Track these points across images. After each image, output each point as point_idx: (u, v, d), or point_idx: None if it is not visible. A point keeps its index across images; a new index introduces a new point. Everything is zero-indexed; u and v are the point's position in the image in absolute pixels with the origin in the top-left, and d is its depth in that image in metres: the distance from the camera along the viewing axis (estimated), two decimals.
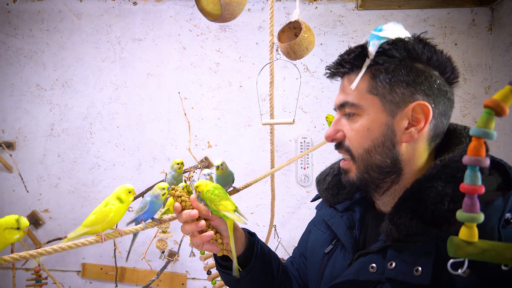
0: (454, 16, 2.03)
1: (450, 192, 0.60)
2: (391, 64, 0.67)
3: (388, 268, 0.64)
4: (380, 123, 0.68)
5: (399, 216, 0.64)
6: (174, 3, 2.16)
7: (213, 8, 0.99)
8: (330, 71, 0.75)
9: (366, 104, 0.69)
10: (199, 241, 0.81)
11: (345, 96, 0.71)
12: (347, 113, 0.72)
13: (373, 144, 0.69)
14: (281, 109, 2.15)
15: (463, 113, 2.05)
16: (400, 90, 0.67)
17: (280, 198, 2.11)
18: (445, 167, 0.64)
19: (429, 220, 0.60)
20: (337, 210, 0.83)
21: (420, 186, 0.64)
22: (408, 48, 0.67)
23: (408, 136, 0.67)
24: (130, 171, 2.21)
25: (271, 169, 1.42)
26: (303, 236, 1.01)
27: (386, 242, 0.66)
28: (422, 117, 0.66)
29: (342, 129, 0.73)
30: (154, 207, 0.88)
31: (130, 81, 2.19)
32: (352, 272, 0.69)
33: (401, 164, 0.69)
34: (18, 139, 2.23)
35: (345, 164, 0.75)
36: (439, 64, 0.69)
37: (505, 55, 1.90)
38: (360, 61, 0.69)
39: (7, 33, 2.20)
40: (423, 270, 0.60)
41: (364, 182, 0.72)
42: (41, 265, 1.81)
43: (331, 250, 0.81)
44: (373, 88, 0.68)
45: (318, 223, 0.91)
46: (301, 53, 1.19)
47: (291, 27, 1.25)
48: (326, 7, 2.11)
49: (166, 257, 2.04)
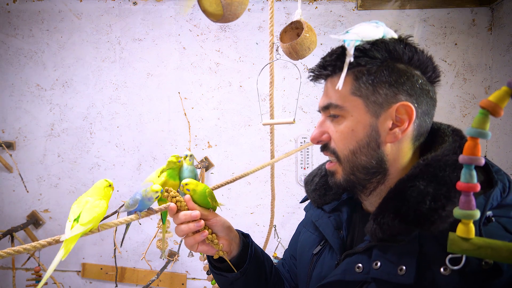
0: (454, 16, 2.03)
1: (431, 191, 0.61)
2: (373, 65, 0.67)
3: (373, 268, 0.64)
4: (364, 124, 0.68)
5: (382, 216, 0.64)
6: (174, 3, 2.16)
7: (215, 9, 0.99)
8: (313, 74, 0.75)
9: (350, 105, 0.69)
10: (193, 241, 0.81)
11: (328, 98, 0.72)
12: (332, 115, 0.72)
13: (358, 145, 0.69)
14: (281, 109, 2.15)
15: (463, 113, 2.05)
16: (383, 91, 0.67)
17: (280, 198, 2.11)
18: (427, 166, 0.64)
19: (411, 219, 0.60)
20: (324, 211, 0.83)
21: (403, 186, 0.65)
22: (389, 49, 0.68)
23: (392, 137, 0.68)
24: (130, 171, 2.21)
25: (271, 169, 1.42)
26: (293, 237, 1.01)
27: (371, 242, 0.67)
28: (405, 117, 0.67)
29: (327, 131, 0.73)
30: (144, 207, 0.86)
31: (130, 81, 2.19)
32: (339, 272, 0.69)
33: (386, 164, 0.69)
34: (18, 139, 2.23)
35: (331, 166, 0.75)
36: (420, 64, 0.69)
37: (505, 55, 1.90)
38: (342, 62, 0.69)
39: (7, 33, 2.20)
40: (407, 269, 0.60)
41: (351, 183, 0.72)
42: (41, 265, 1.81)
43: (320, 251, 0.81)
44: (356, 90, 0.68)
45: (307, 224, 0.91)
46: (303, 53, 1.19)
47: (293, 27, 1.25)
48: (326, 7, 2.11)
49: (166, 257, 2.05)
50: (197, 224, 0.80)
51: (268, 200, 2.00)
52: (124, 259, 2.21)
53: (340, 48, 0.71)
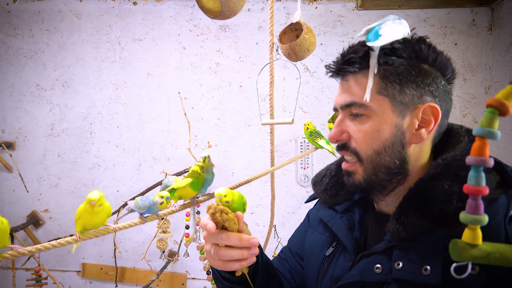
0: (454, 16, 2.03)
1: (457, 191, 0.60)
2: (401, 64, 0.67)
3: (395, 268, 0.63)
4: (390, 124, 0.67)
5: (406, 216, 0.63)
6: (174, 3, 2.16)
7: (213, 5, 0.98)
8: (335, 68, 0.72)
9: (376, 105, 0.67)
10: (239, 266, 0.69)
11: (351, 96, 0.69)
12: (354, 114, 0.70)
13: (383, 145, 0.68)
14: (281, 109, 2.15)
15: (463, 113, 2.05)
16: (409, 91, 0.67)
17: (280, 198, 2.11)
18: (448, 166, 0.64)
19: (438, 218, 0.60)
20: (336, 211, 0.82)
21: (425, 185, 0.64)
22: (415, 49, 0.67)
23: (418, 137, 0.68)
24: (130, 171, 2.21)
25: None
26: (297, 235, 0.98)
27: (391, 242, 0.66)
28: (431, 118, 0.67)
29: (347, 130, 0.71)
30: (151, 211, 0.88)
31: (130, 81, 2.19)
32: (356, 273, 0.68)
33: (408, 165, 0.69)
34: (18, 139, 2.23)
35: (349, 166, 0.73)
36: (442, 65, 0.69)
37: (505, 55, 1.90)
38: (366, 61, 0.67)
39: (7, 33, 2.20)
40: (432, 269, 0.59)
41: (371, 183, 0.71)
42: (41, 265, 1.81)
43: (332, 252, 0.79)
44: (383, 89, 0.67)
45: (314, 224, 0.89)
46: (302, 54, 1.18)
47: (293, 28, 1.24)
48: (326, 7, 2.11)
49: (166, 257, 2.05)
50: (253, 252, 0.68)
51: (268, 200, 1.99)
52: (124, 259, 2.21)
53: (365, 46, 0.68)
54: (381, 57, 0.66)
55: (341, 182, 0.83)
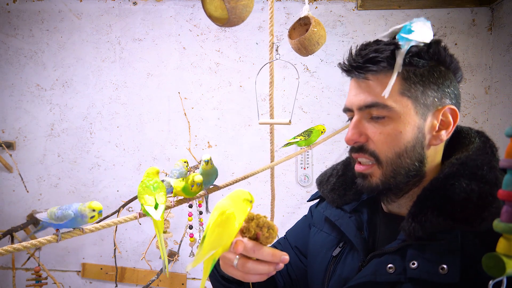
0: (454, 16, 2.03)
1: (476, 189, 0.61)
2: (424, 66, 0.67)
3: (410, 267, 0.63)
4: (413, 126, 0.67)
5: (424, 214, 0.63)
6: (174, 3, 2.16)
7: (221, 14, 0.99)
8: (355, 65, 0.69)
9: (399, 106, 0.66)
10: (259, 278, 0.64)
11: (373, 97, 0.67)
12: (375, 116, 0.68)
13: (405, 147, 0.67)
14: (281, 109, 2.15)
15: (463, 113, 2.05)
16: (431, 93, 0.67)
17: (280, 198, 2.11)
18: (463, 165, 0.65)
19: (459, 216, 0.60)
20: (345, 211, 0.81)
21: (441, 184, 0.65)
22: (436, 51, 0.67)
23: (438, 139, 0.68)
24: (130, 171, 2.21)
25: (271, 170, 1.42)
26: (298, 229, 0.97)
27: (406, 241, 0.65)
28: (450, 120, 0.68)
29: (366, 132, 0.69)
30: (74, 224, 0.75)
31: (130, 81, 2.19)
32: (368, 273, 0.67)
33: (425, 166, 0.69)
34: (18, 139, 2.23)
35: (365, 168, 0.71)
36: (455, 68, 0.70)
37: (505, 55, 1.90)
38: (392, 60, 0.66)
39: (7, 33, 2.20)
40: (449, 268, 0.59)
41: (388, 186, 0.70)
42: (41, 265, 1.81)
43: (340, 252, 0.79)
44: (406, 90, 0.66)
45: (319, 223, 0.88)
46: (312, 48, 1.15)
47: (302, 23, 1.22)
48: (326, 7, 2.11)
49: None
50: (279, 267, 0.64)
51: (268, 200, 1.99)
52: (124, 259, 2.21)
53: (391, 44, 0.67)
54: (407, 57, 0.66)
55: (348, 182, 0.83)
